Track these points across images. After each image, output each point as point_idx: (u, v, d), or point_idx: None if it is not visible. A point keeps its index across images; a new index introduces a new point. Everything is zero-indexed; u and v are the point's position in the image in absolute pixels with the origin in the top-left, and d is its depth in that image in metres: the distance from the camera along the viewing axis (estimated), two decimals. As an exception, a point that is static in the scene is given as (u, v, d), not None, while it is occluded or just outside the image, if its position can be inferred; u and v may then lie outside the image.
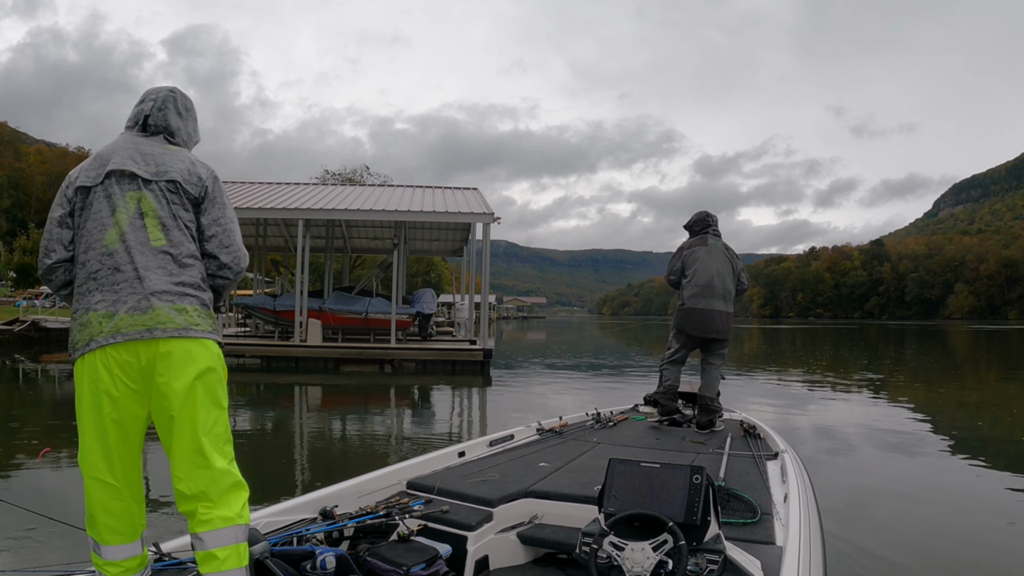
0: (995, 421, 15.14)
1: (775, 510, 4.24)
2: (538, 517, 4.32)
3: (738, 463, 5.47)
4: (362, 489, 4.44)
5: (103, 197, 2.97)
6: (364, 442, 12.04)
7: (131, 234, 2.92)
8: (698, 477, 3.41)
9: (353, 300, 27.68)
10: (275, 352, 25.05)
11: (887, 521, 7.21)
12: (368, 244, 37.54)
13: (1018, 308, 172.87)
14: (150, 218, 2.96)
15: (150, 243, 2.92)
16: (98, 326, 2.82)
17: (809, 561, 3.41)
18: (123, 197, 2.96)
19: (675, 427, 7.26)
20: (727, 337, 7.69)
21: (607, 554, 3.21)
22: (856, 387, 21.22)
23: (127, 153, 3.05)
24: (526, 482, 4.62)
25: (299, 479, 9.14)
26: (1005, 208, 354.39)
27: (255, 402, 16.82)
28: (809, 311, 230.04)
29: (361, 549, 3.73)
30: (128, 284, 2.85)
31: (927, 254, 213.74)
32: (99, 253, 2.90)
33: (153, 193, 2.98)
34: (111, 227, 2.93)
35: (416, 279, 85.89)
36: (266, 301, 28.59)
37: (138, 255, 2.89)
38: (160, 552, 3.25)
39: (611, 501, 3.50)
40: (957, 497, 8.55)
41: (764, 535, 3.82)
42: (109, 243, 2.90)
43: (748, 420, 7.14)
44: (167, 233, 2.96)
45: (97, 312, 2.83)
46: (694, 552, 3.24)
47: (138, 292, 2.84)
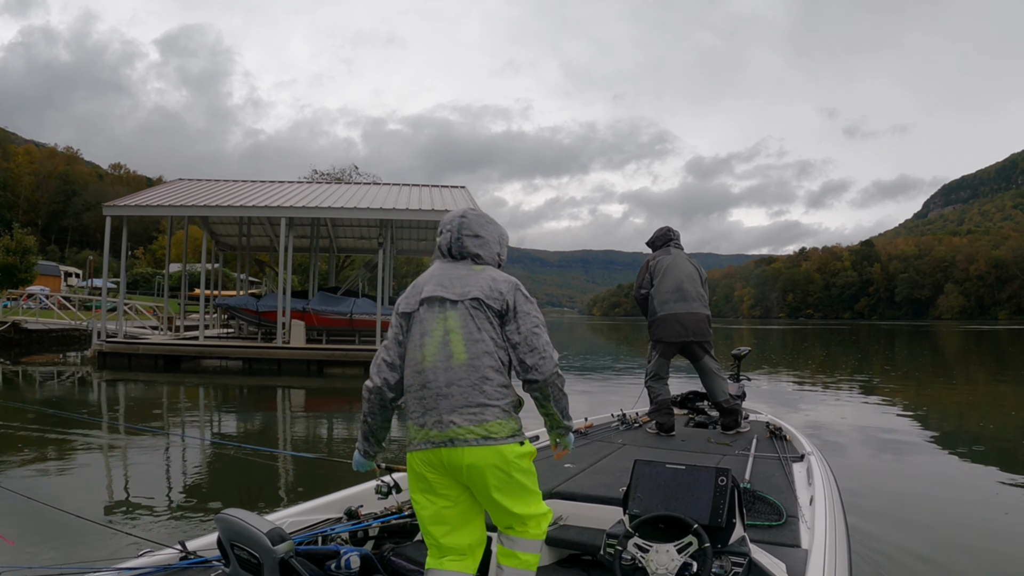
0: (1006, 424, 14.77)
1: (801, 512, 4.21)
2: (562, 518, 4.27)
3: (764, 465, 5.43)
4: None
5: (417, 322, 3.31)
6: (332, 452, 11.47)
7: (439, 353, 3.21)
8: (723, 479, 3.40)
9: (338, 301, 27.11)
10: (257, 354, 24.44)
11: (912, 523, 7.14)
12: (355, 244, 36.76)
13: (1008, 308, 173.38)
14: (455, 335, 3.22)
15: (453, 359, 3.19)
16: (414, 433, 3.21)
17: (835, 564, 3.39)
18: (433, 320, 3.27)
19: (700, 428, 7.25)
20: (708, 339, 7.40)
21: (632, 556, 3.20)
22: (858, 388, 20.87)
23: (436, 280, 3.37)
24: (551, 483, 4.56)
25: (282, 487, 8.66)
26: (994, 209, 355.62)
27: (233, 406, 16.27)
28: (799, 312, 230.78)
29: (386, 549, 3.78)
30: (432, 400, 3.16)
31: (917, 255, 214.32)
32: (413, 371, 3.25)
33: (458, 312, 3.25)
34: (421, 347, 3.25)
35: (407, 280, 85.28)
36: (249, 302, 27.97)
37: (441, 373, 3.18)
38: (186, 550, 3.30)
39: (636, 503, 3.51)
40: (984, 498, 8.44)
41: (789, 538, 3.80)
42: (421, 361, 3.23)
43: (774, 422, 7.06)
44: (469, 348, 3.20)
45: (413, 423, 3.22)
46: (719, 554, 3.21)
47: (440, 409, 3.14)
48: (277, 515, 3.82)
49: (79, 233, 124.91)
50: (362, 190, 31.78)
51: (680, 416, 7.66)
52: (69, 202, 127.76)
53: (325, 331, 26.54)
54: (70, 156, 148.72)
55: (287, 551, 2.90)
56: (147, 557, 3.33)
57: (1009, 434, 13.49)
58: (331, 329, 26.66)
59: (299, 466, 9.82)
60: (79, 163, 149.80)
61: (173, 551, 3.34)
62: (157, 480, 8.98)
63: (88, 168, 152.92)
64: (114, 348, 24.42)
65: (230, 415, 15.24)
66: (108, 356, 24.13)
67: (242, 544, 2.97)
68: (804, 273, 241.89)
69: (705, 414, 7.73)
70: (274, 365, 23.69)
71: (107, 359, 24.05)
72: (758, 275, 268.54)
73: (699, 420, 7.54)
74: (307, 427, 13.97)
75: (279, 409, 16.50)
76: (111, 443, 11.41)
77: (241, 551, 2.98)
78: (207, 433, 12.83)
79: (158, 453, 10.88)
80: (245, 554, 2.96)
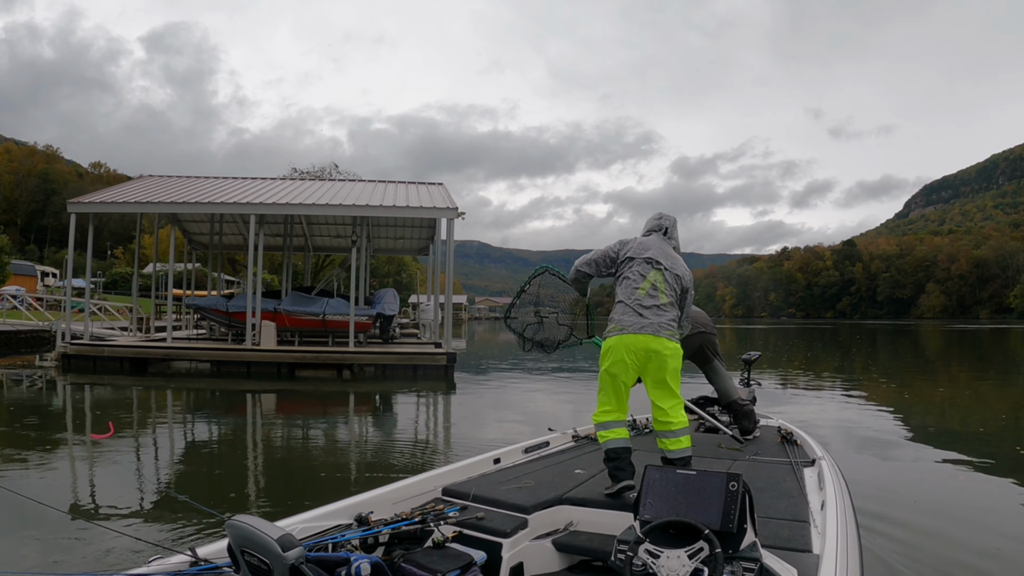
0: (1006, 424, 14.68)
1: (812, 518, 4.20)
2: (573, 524, 4.39)
3: (775, 470, 5.46)
4: (397, 496, 4.49)
5: (637, 266, 5.18)
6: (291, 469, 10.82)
7: (650, 291, 5.07)
8: (734, 484, 3.39)
9: (310, 301, 26.16)
10: (225, 356, 23.50)
11: (923, 527, 7.15)
12: (331, 242, 35.83)
13: (989, 307, 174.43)
14: (660, 285, 5.11)
15: (658, 299, 5.07)
16: (628, 327, 4.96)
17: (847, 569, 3.36)
18: (649, 271, 5.15)
19: (711, 433, 7.26)
20: (715, 333, 7.59)
21: (642, 562, 3.20)
22: (847, 387, 20.59)
23: (657, 249, 5.25)
24: (561, 489, 4.72)
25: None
26: (975, 209, 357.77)
27: (178, 415, 15.50)
28: (781, 311, 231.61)
29: (396, 555, 3.77)
30: (643, 317, 4.99)
31: (898, 254, 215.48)
32: (631, 296, 5.07)
33: (663, 275, 5.15)
34: (641, 284, 5.10)
35: (387, 280, 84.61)
36: (219, 302, 26.89)
37: (649, 302, 5.04)
38: (196, 557, 3.26)
39: (647, 508, 3.51)
40: (992, 503, 8.43)
41: (801, 543, 3.77)
42: (640, 293, 5.06)
43: (785, 426, 7.07)
44: (666, 296, 5.11)
45: (626, 327, 4.97)
46: (730, 560, 3.22)
47: (649, 320, 4.97)
48: (287, 521, 3.79)
49: (59, 232, 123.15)
50: (336, 187, 30.80)
51: (691, 421, 7.19)
52: (49, 201, 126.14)
53: (297, 332, 25.65)
54: (50, 154, 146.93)
55: (297, 558, 2.86)
56: (157, 563, 3.26)
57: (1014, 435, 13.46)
58: (303, 330, 25.75)
59: (308, 472, 9.85)
60: (59, 162, 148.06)
61: (184, 557, 3.28)
62: (173, 483, 8.99)
63: (68, 167, 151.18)
64: (79, 350, 23.53)
65: (163, 427, 14.22)
66: (72, 359, 23.23)
67: (252, 551, 2.92)
68: (786, 272, 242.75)
69: (716, 419, 7.62)
70: (243, 368, 22.77)
71: (71, 361, 23.17)
72: (740, 274, 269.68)
73: (709, 425, 7.50)
74: (239, 443, 13.16)
75: (216, 418, 15.64)
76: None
77: (252, 557, 2.94)
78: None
79: (172, 456, 10.99)
80: (255, 560, 2.92)
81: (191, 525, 6.72)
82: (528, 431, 11.67)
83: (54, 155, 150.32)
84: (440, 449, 11.69)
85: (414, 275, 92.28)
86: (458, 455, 10.34)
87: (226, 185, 28.95)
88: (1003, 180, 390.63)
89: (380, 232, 32.93)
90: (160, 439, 12.45)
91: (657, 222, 5.52)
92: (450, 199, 25.84)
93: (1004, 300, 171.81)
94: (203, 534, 6.45)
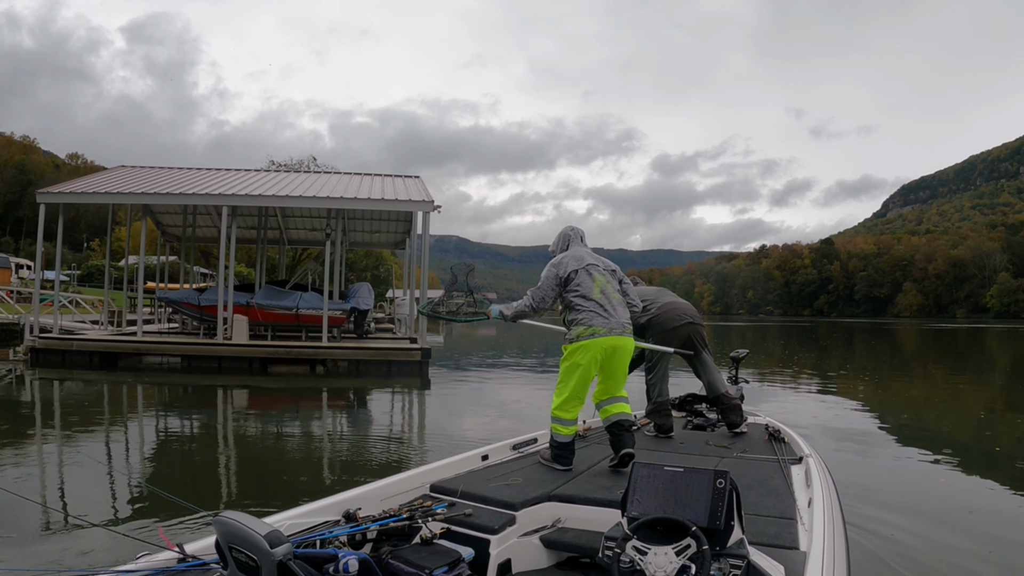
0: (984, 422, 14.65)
1: (799, 515, 4.20)
2: (561, 521, 4.41)
3: (762, 467, 5.49)
4: (385, 492, 4.49)
5: (583, 275, 5.75)
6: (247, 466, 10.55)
7: (603, 292, 5.71)
8: (722, 481, 3.40)
9: (284, 295, 25.76)
10: (196, 351, 23.03)
11: (908, 525, 7.15)
12: (307, 235, 35.30)
13: (965, 307, 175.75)
14: (608, 285, 5.78)
15: (612, 298, 5.73)
16: (599, 330, 5.52)
17: (833, 566, 3.36)
18: (595, 276, 5.78)
19: (699, 431, 7.33)
20: (703, 325, 7.71)
21: (630, 558, 3.20)
22: (831, 385, 20.39)
23: (588, 256, 5.93)
24: (549, 486, 4.74)
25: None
26: (952, 209, 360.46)
27: (164, 410, 15.18)
28: (759, 308, 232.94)
29: (384, 552, 3.77)
30: (609, 318, 5.61)
31: (876, 253, 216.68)
32: (588, 302, 5.63)
33: (604, 276, 5.83)
34: (594, 289, 5.70)
35: (365, 274, 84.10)
36: (190, 296, 26.39)
37: (607, 303, 5.68)
38: (184, 553, 3.25)
39: (634, 505, 3.51)
40: (976, 503, 8.41)
41: (788, 540, 3.77)
42: (597, 295, 5.66)
43: (772, 424, 7.07)
44: (616, 294, 5.81)
45: (597, 327, 5.53)
46: (717, 557, 3.22)
47: (615, 321, 5.63)
48: (275, 518, 3.74)
49: (35, 224, 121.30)
50: (311, 178, 30.31)
51: (678, 419, 7.77)
52: (25, 192, 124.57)
53: (271, 327, 25.27)
54: (27, 145, 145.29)
55: (285, 554, 2.84)
56: (145, 560, 3.24)
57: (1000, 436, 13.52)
58: (277, 325, 25.38)
59: (296, 468, 9.80)
60: (36, 152, 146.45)
61: (171, 554, 3.25)
62: (152, 481, 8.86)
63: (45, 158, 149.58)
64: (48, 344, 22.99)
65: (134, 424, 13.87)
66: (41, 353, 22.68)
67: (240, 547, 2.89)
68: (764, 270, 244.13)
69: (703, 416, 7.79)
70: (214, 362, 22.36)
71: (40, 356, 22.62)
72: (719, 272, 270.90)
73: (697, 423, 7.57)
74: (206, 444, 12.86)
75: (186, 414, 15.31)
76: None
77: (239, 554, 2.91)
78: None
79: (151, 451, 10.93)
80: (243, 557, 2.89)
81: (165, 522, 6.67)
82: (503, 429, 11.50)
83: (31, 146, 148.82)
84: (415, 448, 11.41)
85: (392, 269, 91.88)
86: (432, 455, 10.20)
87: (199, 176, 28.51)
88: (980, 181, 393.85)
89: (356, 225, 32.56)
90: (131, 437, 12.17)
91: (574, 232, 6.16)
92: (426, 192, 25.50)
93: (980, 300, 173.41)
94: (180, 529, 6.45)
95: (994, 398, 20.19)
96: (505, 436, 6.42)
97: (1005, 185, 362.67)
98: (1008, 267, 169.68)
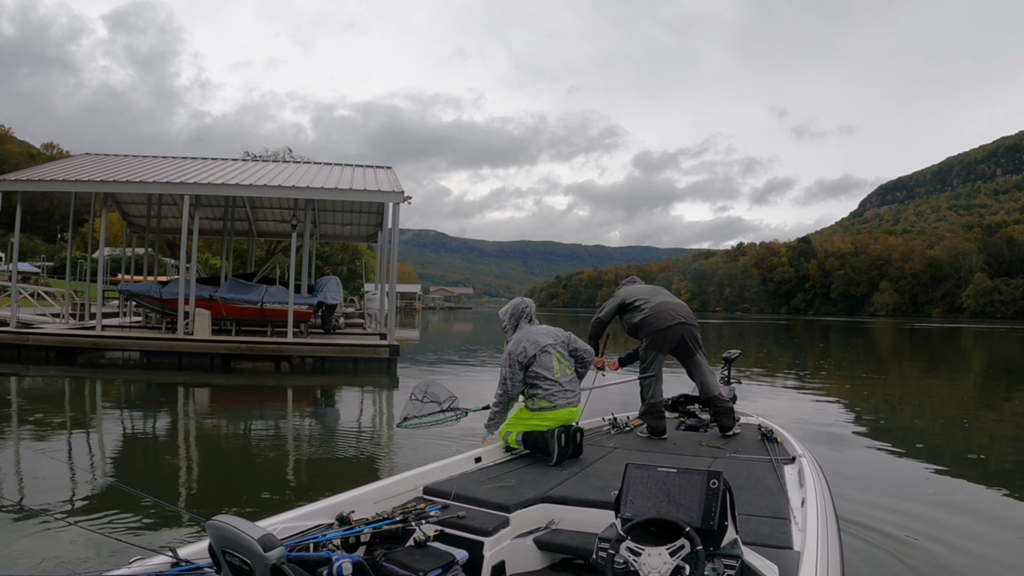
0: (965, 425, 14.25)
1: (793, 515, 4.18)
2: (555, 522, 4.42)
3: (755, 467, 5.48)
4: (379, 495, 4.46)
5: (542, 356, 6.09)
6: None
7: (562, 371, 6.12)
8: (715, 482, 3.38)
9: (249, 288, 24.81)
10: (156, 346, 22.13)
11: (904, 524, 7.18)
12: (277, 227, 34.23)
13: (941, 306, 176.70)
14: (563, 362, 6.19)
15: (568, 375, 6.17)
16: (560, 403, 5.97)
17: (827, 566, 3.32)
18: (552, 355, 6.13)
19: (692, 432, 7.30)
20: (698, 327, 7.61)
21: (624, 559, 3.19)
22: (815, 384, 20.06)
23: (542, 335, 6.24)
24: (543, 487, 4.73)
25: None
26: (929, 210, 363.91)
27: (114, 408, 14.45)
28: (736, 306, 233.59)
29: (378, 555, 3.73)
30: (568, 394, 6.08)
31: (853, 252, 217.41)
32: (551, 381, 6.02)
33: (558, 352, 6.21)
34: (554, 368, 6.07)
35: (342, 268, 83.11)
36: (152, 289, 25.43)
37: (565, 380, 6.12)
38: (177, 557, 3.21)
39: (628, 506, 3.51)
40: (972, 502, 8.54)
41: (782, 540, 3.77)
42: (557, 375, 6.06)
43: (765, 424, 7.09)
44: (570, 369, 6.26)
45: (558, 404, 5.96)
46: (711, 557, 3.20)
47: (571, 396, 6.12)
48: (268, 521, 3.72)
49: (7, 215, 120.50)
50: (278, 168, 29.39)
51: (671, 419, 7.73)
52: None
53: (235, 321, 24.44)
54: (1, 135, 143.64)
55: (279, 558, 2.80)
56: (138, 564, 3.17)
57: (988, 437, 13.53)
58: (241, 319, 24.54)
59: (288, 471, 9.67)
60: (11, 142, 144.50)
61: (164, 558, 3.20)
62: (143, 484, 8.54)
63: (20, 148, 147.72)
64: (4, 338, 22.11)
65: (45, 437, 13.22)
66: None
67: (233, 551, 2.86)
68: (742, 268, 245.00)
69: (696, 417, 7.74)
70: (174, 358, 21.57)
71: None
72: (696, 269, 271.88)
73: (690, 423, 7.56)
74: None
75: (137, 413, 14.53)
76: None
77: (232, 558, 2.87)
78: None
79: (151, 451, 10.77)
80: (237, 561, 2.85)
81: (172, 525, 6.71)
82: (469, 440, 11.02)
83: (6, 135, 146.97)
84: (373, 453, 10.83)
85: (369, 263, 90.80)
86: (385, 461, 9.98)
87: (164, 165, 27.56)
88: (957, 182, 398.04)
89: (327, 217, 31.73)
90: (74, 438, 11.58)
91: (523, 311, 6.42)
92: (397, 183, 24.68)
93: (956, 300, 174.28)
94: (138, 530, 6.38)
95: (981, 398, 19.99)
96: (473, 439, 6.54)
97: (982, 187, 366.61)
98: (984, 268, 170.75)
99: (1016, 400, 19.78)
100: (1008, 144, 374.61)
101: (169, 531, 6.54)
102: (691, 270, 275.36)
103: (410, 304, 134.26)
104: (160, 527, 6.64)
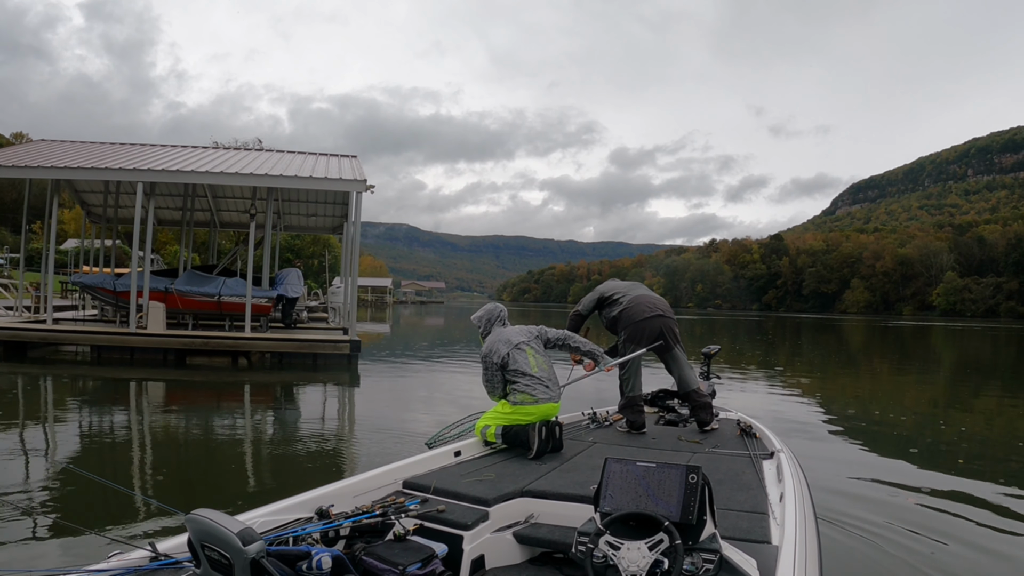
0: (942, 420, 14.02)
1: (771, 509, 4.20)
2: (534, 516, 4.42)
3: (734, 462, 5.49)
4: (358, 488, 4.44)
5: (517, 355, 6.18)
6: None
7: (538, 367, 6.17)
8: (694, 476, 3.41)
9: (206, 281, 23.79)
10: (107, 341, 21.20)
11: (880, 521, 7.19)
12: (239, 218, 32.68)
13: (912, 304, 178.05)
14: (538, 359, 6.26)
15: (545, 371, 6.19)
16: (541, 398, 5.99)
17: (805, 560, 3.35)
18: (527, 352, 6.23)
19: (671, 426, 7.31)
20: (675, 320, 7.66)
21: (603, 553, 3.20)
22: (788, 381, 19.79)
23: (513, 334, 6.38)
24: (522, 481, 4.74)
25: None
26: (900, 209, 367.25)
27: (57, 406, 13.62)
28: (708, 302, 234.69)
29: (357, 548, 3.75)
30: (548, 389, 6.10)
31: (825, 250, 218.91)
32: (529, 376, 6.09)
33: (532, 349, 6.31)
34: (531, 365, 6.14)
35: (313, 261, 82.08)
36: (106, 280, 24.23)
37: (543, 375, 6.15)
38: (156, 552, 3.21)
39: (607, 500, 3.51)
40: (955, 493, 8.70)
41: (760, 534, 3.78)
42: (534, 371, 6.12)
43: (744, 419, 7.11)
44: (547, 364, 6.30)
45: (540, 399, 5.99)
46: (690, 551, 3.23)
47: (552, 392, 6.12)
48: (247, 515, 3.63)
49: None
50: (240, 155, 28.38)
51: (651, 414, 7.77)
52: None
53: (192, 315, 23.50)
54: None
55: (258, 551, 2.78)
56: (117, 559, 3.10)
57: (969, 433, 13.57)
58: (199, 313, 23.60)
59: (267, 465, 9.66)
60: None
61: (143, 552, 3.14)
62: (123, 479, 8.49)
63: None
64: (-52, 332, 21.08)
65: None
66: (-58, 341, 20.64)
67: (213, 545, 2.83)
68: (714, 264, 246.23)
69: (676, 412, 7.79)
70: (127, 353, 20.65)
71: (-60, 344, 20.58)
72: (668, 265, 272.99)
73: (669, 418, 7.58)
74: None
75: (83, 409, 13.69)
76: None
77: (212, 552, 2.84)
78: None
79: (118, 448, 10.41)
80: (216, 555, 2.82)
81: (152, 519, 6.66)
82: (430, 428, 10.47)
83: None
84: (333, 462, 10.09)
85: (339, 256, 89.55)
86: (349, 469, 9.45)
87: (120, 151, 26.43)
88: (929, 182, 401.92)
89: (291, 208, 30.81)
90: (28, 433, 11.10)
91: (497, 316, 6.66)
92: (360, 171, 23.71)
93: (927, 298, 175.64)
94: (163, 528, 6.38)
95: (960, 396, 19.99)
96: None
97: (953, 187, 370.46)
98: (955, 266, 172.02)
99: (985, 396, 20.08)
100: (980, 145, 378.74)
101: (148, 525, 6.51)
102: (663, 266, 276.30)
103: (381, 298, 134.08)
104: (138, 521, 6.61)
